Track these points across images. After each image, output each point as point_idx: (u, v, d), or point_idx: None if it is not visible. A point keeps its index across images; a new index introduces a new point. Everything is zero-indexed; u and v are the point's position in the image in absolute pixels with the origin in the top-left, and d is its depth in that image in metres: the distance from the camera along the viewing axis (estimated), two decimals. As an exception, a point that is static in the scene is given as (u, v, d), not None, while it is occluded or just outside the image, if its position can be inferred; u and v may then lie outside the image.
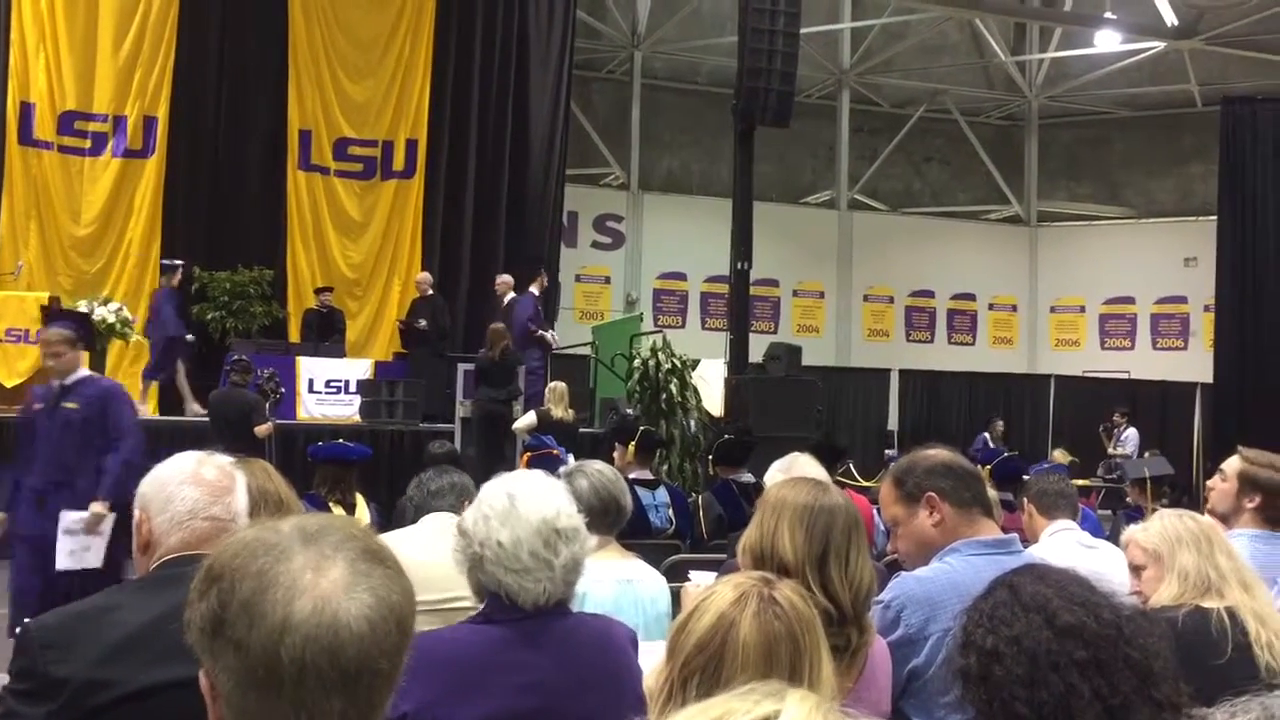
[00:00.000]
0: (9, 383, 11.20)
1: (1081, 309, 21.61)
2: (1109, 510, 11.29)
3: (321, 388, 12.94)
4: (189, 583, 1.28)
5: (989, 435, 16.48)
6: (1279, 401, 17.61)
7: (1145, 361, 20.60)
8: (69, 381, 6.07)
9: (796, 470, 4.14)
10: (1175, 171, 21.45)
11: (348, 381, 12.98)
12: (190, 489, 2.16)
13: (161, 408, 13.53)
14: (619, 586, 3.37)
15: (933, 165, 22.26)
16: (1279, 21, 18.71)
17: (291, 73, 15.09)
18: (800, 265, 20.43)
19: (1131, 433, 16.84)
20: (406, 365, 13.55)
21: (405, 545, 3.22)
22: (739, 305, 13.39)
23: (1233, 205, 18.78)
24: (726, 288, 14.35)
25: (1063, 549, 4.10)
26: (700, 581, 2.91)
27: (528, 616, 2.24)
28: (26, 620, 2.04)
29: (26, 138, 13.95)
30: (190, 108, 14.58)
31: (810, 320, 20.73)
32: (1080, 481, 12.88)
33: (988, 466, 6.41)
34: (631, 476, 5.97)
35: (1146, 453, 14.81)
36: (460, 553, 2.31)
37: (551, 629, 2.27)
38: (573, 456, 8.34)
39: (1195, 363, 19.66)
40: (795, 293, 20.63)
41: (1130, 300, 21.24)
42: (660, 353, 12.41)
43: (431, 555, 2.85)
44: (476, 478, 3.47)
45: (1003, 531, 2.91)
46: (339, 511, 5.29)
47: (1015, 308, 21.87)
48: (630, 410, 11.74)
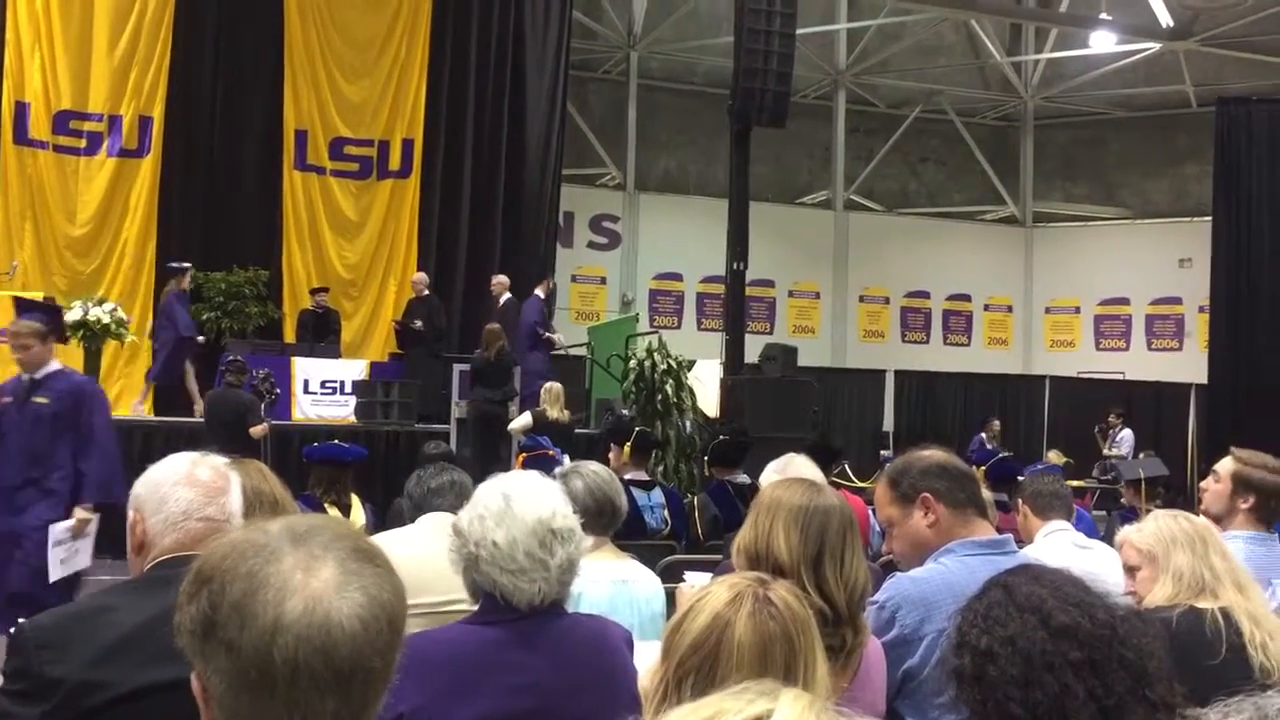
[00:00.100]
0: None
1: (1077, 310, 21.63)
2: (1104, 511, 11.31)
3: (317, 388, 12.93)
4: None
5: (985, 435, 16.50)
6: (1274, 402, 17.63)
7: (1140, 362, 20.63)
8: (39, 375, 5.91)
9: (792, 471, 4.15)
10: (1170, 172, 21.47)
11: (343, 382, 12.97)
12: (185, 490, 2.15)
13: (158, 408, 13.53)
14: (614, 587, 3.37)
15: (928, 166, 22.28)
16: (1274, 22, 18.75)
17: (287, 72, 15.04)
18: (796, 266, 20.43)
19: (1127, 434, 16.85)
20: (402, 366, 13.54)
21: (402, 546, 3.20)
22: (735, 306, 13.40)
23: (1228, 206, 18.78)
24: (722, 288, 14.37)
25: (1057, 550, 4.11)
26: (695, 582, 2.91)
27: (523, 617, 2.24)
28: (21, 621, 2.03)
29: (22, 137, 13.90)
30: (186, 107, 14.52)
31: (806, 321, 20.74)
32: (1075, 482, 12.90)
33: (982, 467, 6.43)
34: (627, 477, 5.98)
35: (1141, 454, 14.81)
36: (455, 552, 2.32)
37: (547, 629, 2.27)
38: (568, 457, 8.34)
39: (1190, 364, 19.68)
40: (791, 293, 20.63)
41: (1125, 301, 21.26)
42: (656, 353, 12.41)
43: (428, 557, 2.82)
44: (472, 478, 3.48)
45: (997, 532, 2.92)
46: (334, 512, 5.29)
47: (1010, 308, 21.89)
48: (626, 411, 11.73)
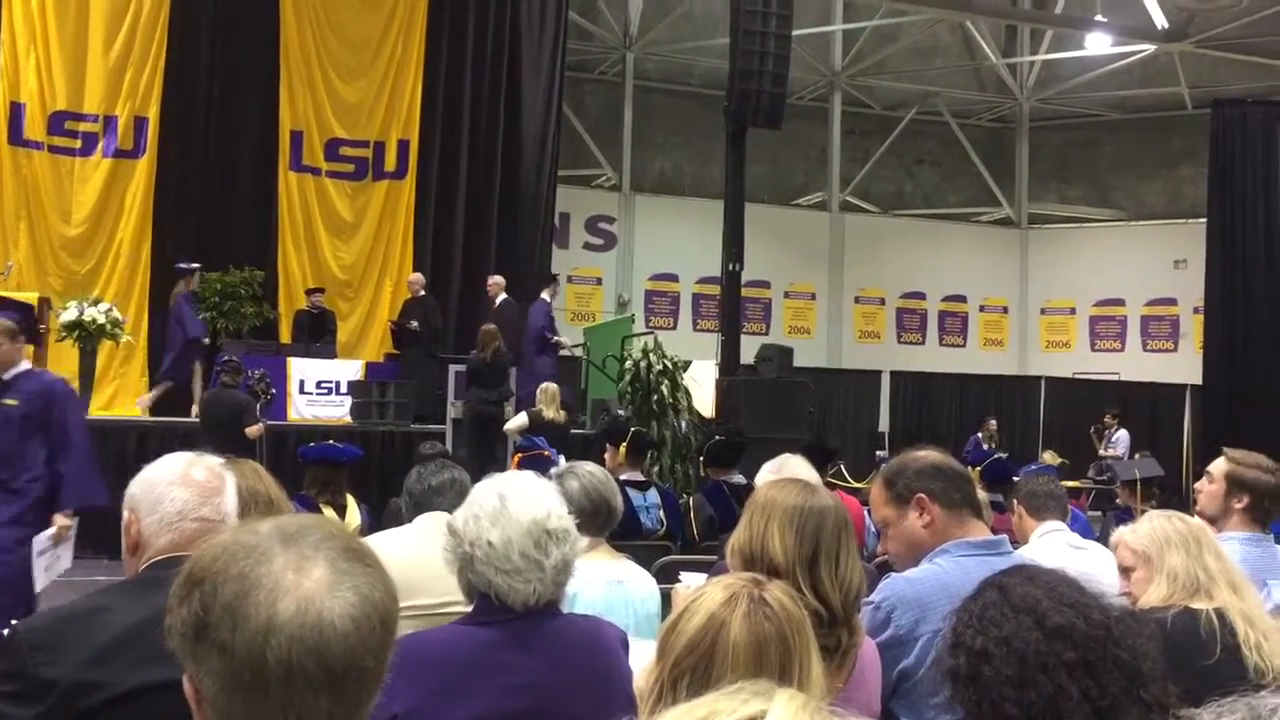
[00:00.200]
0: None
1: (1072, 311, 21.65)
2: (1099, 511, 11.34)
3: (312, 389, 12.93)
4: None
5: (981, 435, 16.49)
6: (1268, 403, 17.69)
7: (1135, 363, 20.66)
8: (8, 376, 5.71)
9: (788, 471, 4.14)
10: (1165, 174, 21.51)
11: (339, 383, 12.97)
12: (180, 490, 2.15)
13: (152, 408, 13.49)
14: (610, 587, 3.37)
15: (924, 167, 22.30)
16: (1269, 24, 18.78)
17: (283, 73, 15.03)
18: (792, 267, 20.44)
19: (1122, 434, 16.86)
20: (398, 366, 13.53)
21: (398, 547, 3.20)
22: (730, 307, 13.40)
23: (1222, 207, 18.83)
24: (718, 289, 14.35)
25: (1052, 550, 4.11)
26: (691, 583, 2.91)
27: (518, 617, 2.24)
28: (14, 622, 2.03)
29: (17, 138, 13.88)
30: (181, 108, 14.50)
31: (801, 322, 20.75)
32: (1070, 483, 12.93)
33: (977, 468, 6.43)
34: (622, 478, 5.98)
35: (1137, 454, 14.84)
36: (450, 552, 2.31)
37: (542, 630, 2.27)
38: (564, 458, 8.33)
39: (1185, 364, 19.72)
40: (787, 294, 20.64)
41: (1120, 302, 21.29)
42: (652, 354, 12.41)
43: (425, 559, 2.79)
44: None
45: (992, 533, 2.92)
46: (329, 513, 5.28)
47: (1006, 309, 21.91)
48: (621, 411, 11.73)
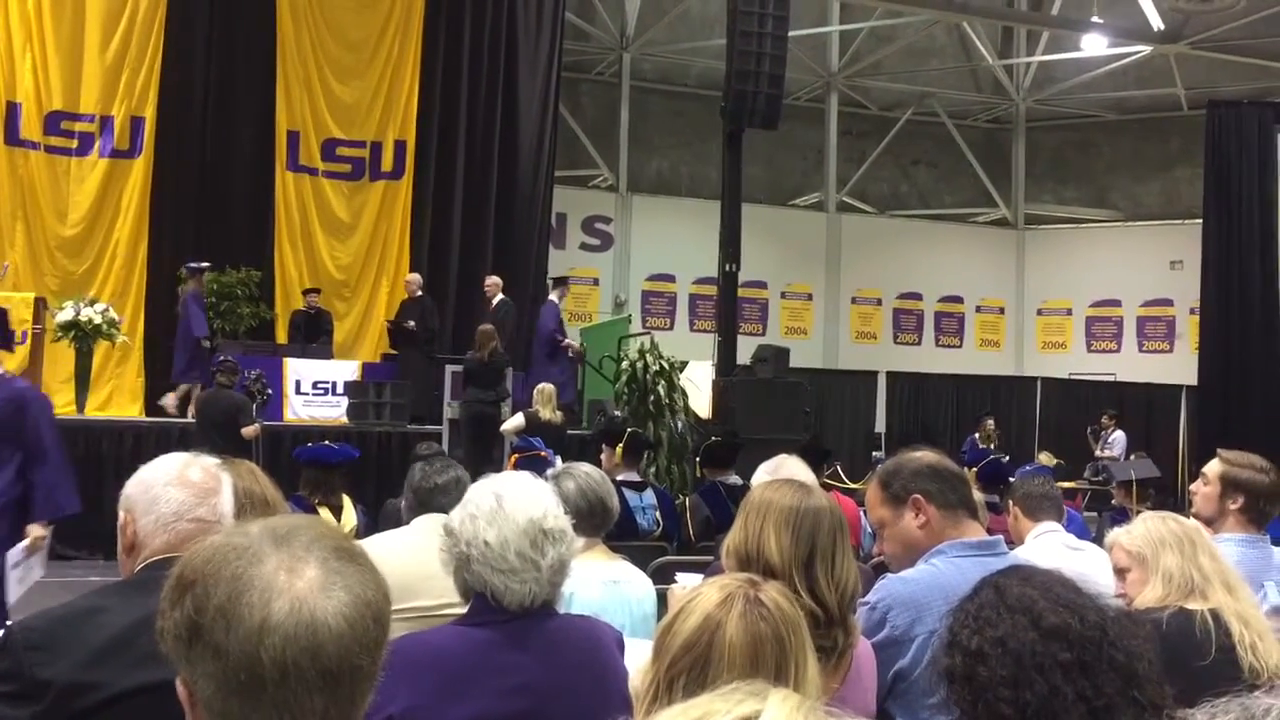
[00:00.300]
0: (-6, 383, 11.10)
1: (1068, 311, 21.67)
2: (1095, 512, 11.35)
3: (309, 389, 12.92)
4: None
5: (979, 435, 16.47)
6: (1264, 404, 17.72)
7: (1131, 364, 20.68)
8: None
9: (784, 472, 4.14)
10: (1161, 175, 21.54)
11: (335, 383, 12.96)
12: (176, 490, 2.15)
13: (149, 409, 13.51)
14: (606, 588, 3.37)
15: (920, 168, 22.32)
16: (1265, 26, 18.81)
17: (280, 73, 15.02)
18: (788, 267, 20.44)
19: (1119, 435, 16.87)
20: (394, 367, 13.53)
21: (395, 550, 3.18)
22: (727, 307, 13.41)
23: (1218, 208, 18.87)
24: (715, 289, 14.36)
25: (1048, 551, 4.11)
26: (687, 583, 2.91)
27: (513, 618, 2.24)
28: (10, 623, 2.03)
29: (13, 138, 13.86)
30: (178, 108, 14.49)
31: (798, 322, 20.75)
32: (1066, 484, 12.93)
33: (973, 469, 6.43)
34: (619, 478, 5.98)
35: (1133, 455, 14.85)
36: (446, 552, 2.31)
37: (537, 630, 2.26)
38: (560, 458, 8.33)
39: (1181, 365, 19.74)
40: (783, 295, 20.65)
41: (1116, 303, 21.31)
42: (648, 354, 12.40)
43: (423, 560, 2.77)
44: (463, 480, 3.47)
45: (988, 533, 2.92)
46: (325, 513, 5.28)
47: (1002, 310, 21.92)
48: (618, 412, 11.73)
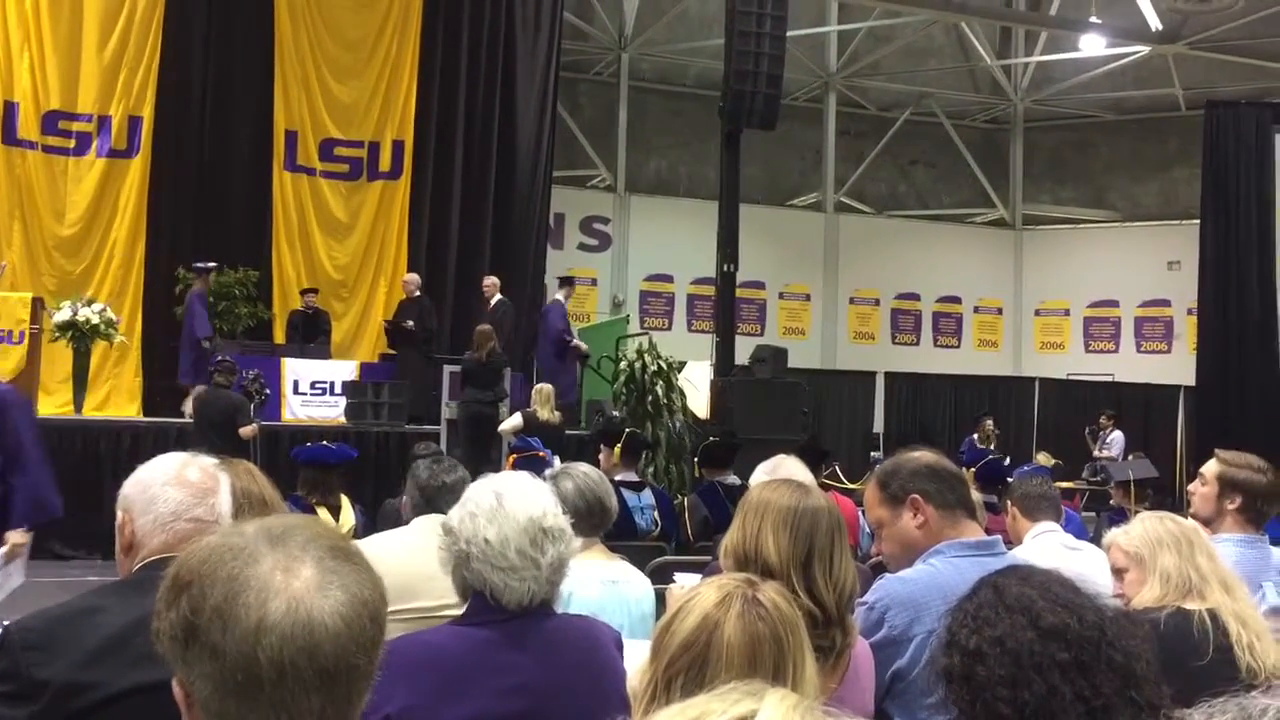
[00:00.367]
0: (-8, 383, 11.10)
1: (1066, 312, 21.68)
2: (1093, 512, 11.35)
3: (307, 389, 12.91)
4: None
5: (977, 436, 16.46)
6: (1261, 404, 17.73)
7: (1129, 364, 20.69)
8: None
9: (782, 472, 4.14)
10: (1159, 175, 21.55)
11: (333, 383, 12.95)
12: (174, 490, 2.14)
13: (147, 409, 13.50)
14: (605, 588, 3.37)
15: (918, 168, 22.32)
16: (1263, 26, 18.83)
17: (277, 73, 15.00)
18: (786, 267, 20.45)
19: (1117, 435, 16.89)
20: (392, 367, 13.52)
21: (395, 551, 3.18)
22: (725, 307, 13.40)
23: (1216, 209, 18.87)
24: (713, 290, 14.36)
25: (1046, 551, 4.12)
26: (685, 583, 2.91)
27: (511, 618, 2.24)
28: (6, 623, 2.02)
29: (10, 137, 13.84)
30: (175, 108, 14.47)
31: (796, 323, 20.76)
32: (1064, 484, 12.93)
33: (971, 469, 6.44)
34: (617, 478, 5.97)
35: (1130, 455, 14.86)
36: (446, 550, 2.31)
37: (536, 630, 2.26)
38: (558, 459, 8.33)
39: (1178, 366, 19.75)
40: (781, 295, 20.65)
41: (1114, 303, 21.32)
42: (646, 354, 12.41)
43: (423, 561, 2.76)
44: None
45: (986, 533, 2.92)
46: (323, 513, 5.28)
47: (1000, 310, 21.93)
48: (616, 412, 11.74)
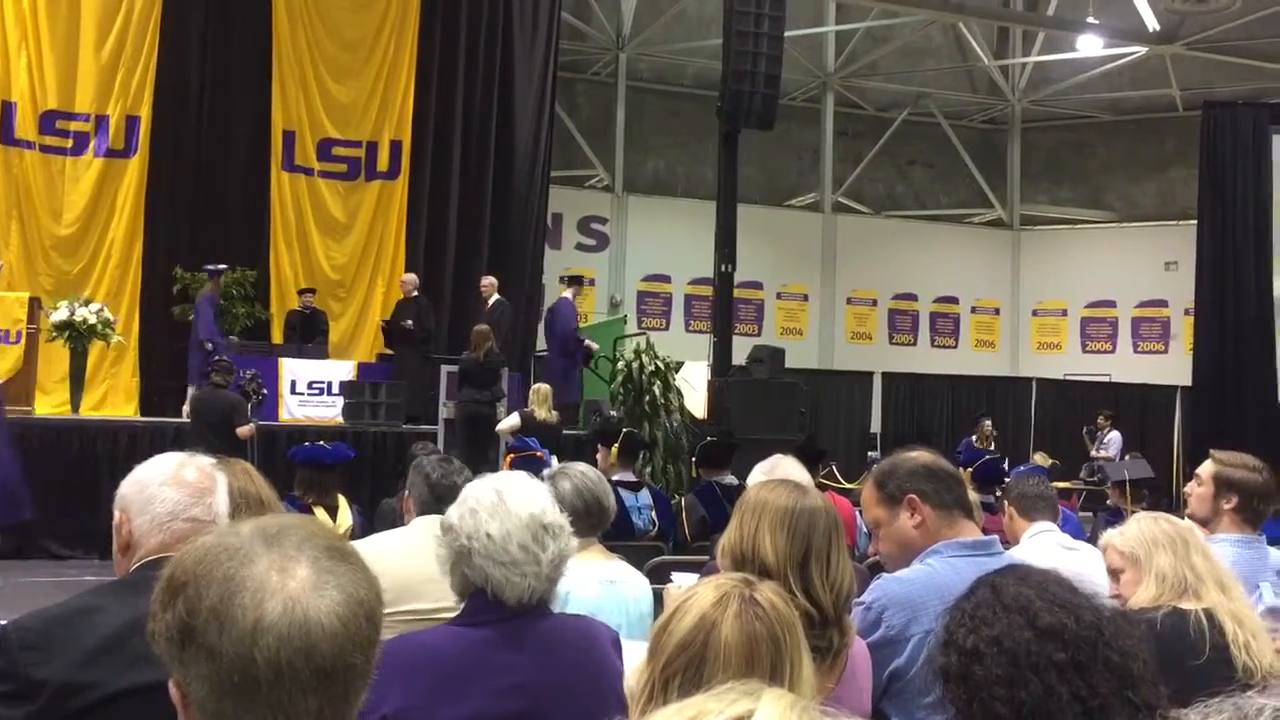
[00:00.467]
0: (-11, 382, 11.09)
1: (1063, 312, 21.69)
2: (1090, 512, 11.35)
3: (304, 389, 12.90)
4: None
5: (976, 436, 16.46)
6: (1258, 404, 17.75)
7: (1126, 365, 20.71)
8: None
9: (780, 472, 4.14)
10: (1156, 175, 21.57)
11: (330, 383, 12.94)
12: (171, 490, 2.14)
13: (144, 409, 13.49)
14: (602, 588, 3.37)
15: (916, 168, 22.33)
16: (1260, 27, 18.85)
17: (275, 73, 14.99)
18: (784, 268, 20.46)
19: (1115, 435, 16.91)
20: (390, 367, 13.52)
21: (395, 550, 3.16)
22: (722, 307, 13.42)
23: (1213, 209, 18.88)
24: (710, 290, 14.37)
25: (1043, 551, 4.12)
26: (683, 583, 2.91)
27: (509, 618, 2.24)
28: (3, 623, 2.02)
29: (8, 137, 13.82)
30: (173, 108, 14.46)
31: (794, 323, 20.76)
32: (1062, 484, 12.95)
33: (969, 469, 6.45)
34: (614, 478, 5.97)
35: (1128, 455, 14.87)
36: (445, 548, 2.30)
37: (533, 630, 2.26)
38: (556, 459, 8.33)
39: (1176, 366, 19.77)
40: (779, 295, 20.65)
41: (1111, 304, 21.33)
42: (644, 355, 12.42)
43: (422, 563, 2.73)
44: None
45: (983, 533, 2.92)
46: (320, 513, 5.28)
47: (998, 311, 21.94)
48: (614, 412, 11.75)
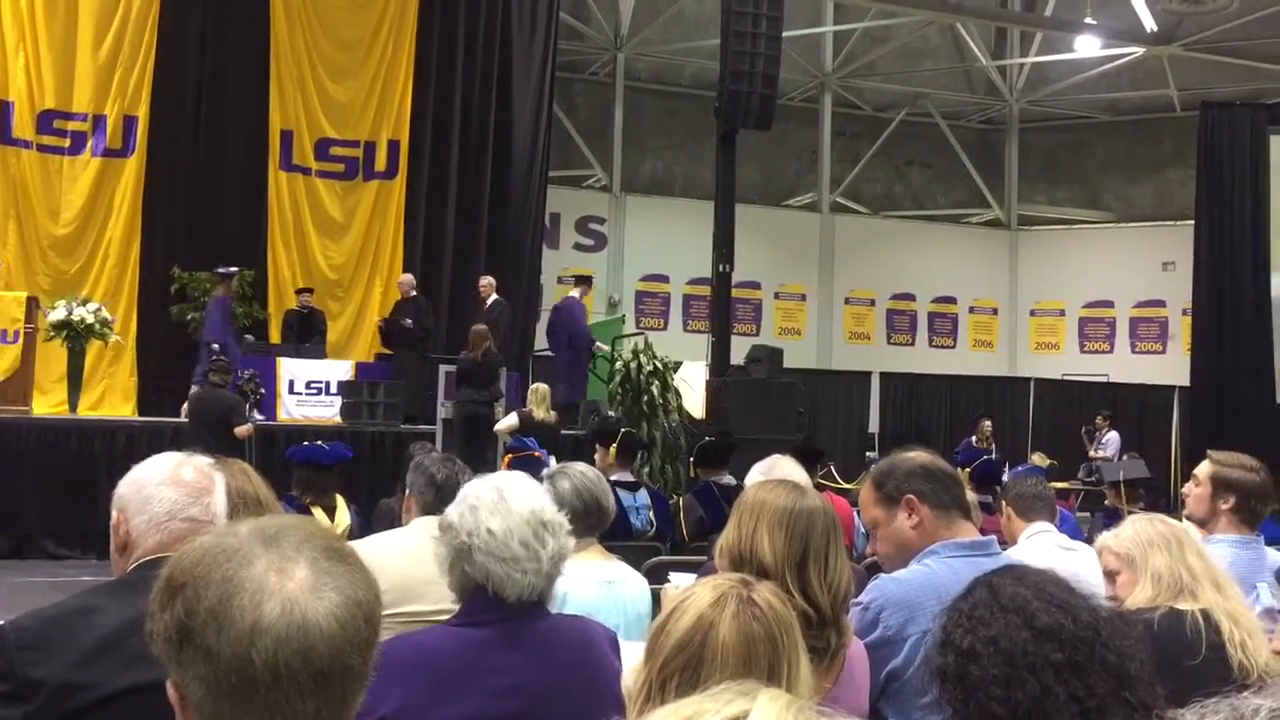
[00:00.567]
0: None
1: (1061, 312, 21.70)
2: (1088, 512, 11.36)
3: (302, 389, 12.89)
4: None
5: (975, 436, 16.46)
6: (1256, 405, 17.77)
7: (1124, 365, 20.72)
8: None
9: (778, 472, 4.14)
10: (1154, 176, 21.58)
11: (328, 383, 12.93)
12: (169, 490, 2.14)
13: (142, 409, 13.48)
14: (600, 588, 3.36)
15: (914, 168, 22.34)
16: (1258, 27, 18.86)
17: (273, 73, 14.98)
18: (782, 268, 20.46)
19: (1113, 435, 16.91)
20: (388, 367, 13.51)
21: (395, 551, 3.16)
22: (720, 307, 13.42)
23: (1210, 210, 18.90)
24: (708, 290, 14.37)
25: (1041, 551, 4.12)
26: (680, 583, 2.91)
27: (507, 618, 2.24)
28: (1, 623, 2.02)
29: (5, 137, 13.80)
30: (171, 107, 14.44)
31: (792, 323, 20.76)
32: (1059, 484, 12.96)
33: (967, 469, 6.45)
34: (613, 478, 5.96)
35: (1125, 455, 14.88)
36: (445, 546, 2.30)
37: (531, 630, 2.27)
38: (554, 459, 8.33)
39: (1173, 366, 19.78)
40: (777, 295, 20.65)
41: (1109, 304, 21.34)
42: (642, 355, 12.42)
43: (421, 564, 2.73)
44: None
45: (981, 534, 2.92)
46: (318, 513, 5.27)
47: (995, 311, 21.94)
48: (612, 412, 11.75)
